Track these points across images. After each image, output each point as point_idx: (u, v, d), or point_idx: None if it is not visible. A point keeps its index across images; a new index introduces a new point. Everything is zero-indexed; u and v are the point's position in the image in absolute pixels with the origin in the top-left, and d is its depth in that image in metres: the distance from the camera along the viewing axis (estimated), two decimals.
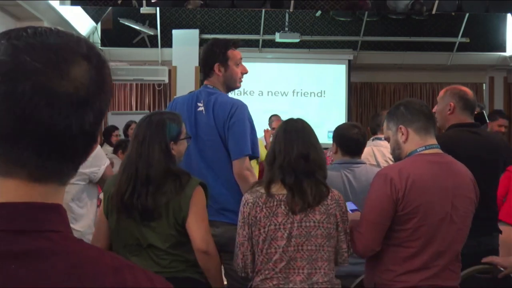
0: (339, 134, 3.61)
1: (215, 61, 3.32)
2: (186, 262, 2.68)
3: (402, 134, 2.71)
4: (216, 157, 3.17)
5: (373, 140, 4.57)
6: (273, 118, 8.32)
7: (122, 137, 7.90)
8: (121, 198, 2.59)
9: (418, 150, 2.67)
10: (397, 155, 2.80)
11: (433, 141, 2.71)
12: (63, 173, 0.91)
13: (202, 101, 3.27)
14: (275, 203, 2.57)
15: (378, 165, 4.34)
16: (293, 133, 2.66)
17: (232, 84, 3.42)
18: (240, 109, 3.22)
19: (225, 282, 3.08)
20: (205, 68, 3.38)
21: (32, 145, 0.85)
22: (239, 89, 3.80)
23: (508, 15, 10.57)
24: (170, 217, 2.64)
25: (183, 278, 2.63)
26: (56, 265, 0.84)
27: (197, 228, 2.64)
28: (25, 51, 0.83)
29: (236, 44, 3.41)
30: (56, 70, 0.84)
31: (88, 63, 0.88)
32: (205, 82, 3.39)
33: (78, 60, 0.87)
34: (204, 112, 3.24)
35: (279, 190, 2.60)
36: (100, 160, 4.45)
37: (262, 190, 2.61)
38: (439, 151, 2.71)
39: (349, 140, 3.56)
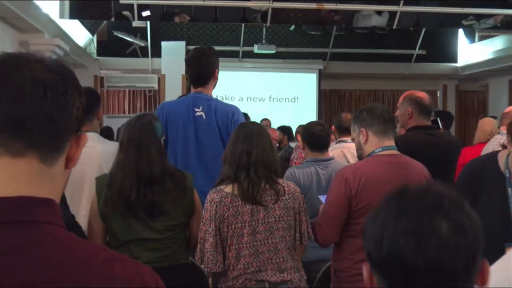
0: (305, 131, 3.68)
1: (216, 67, 3.30)
2: (183, 247, 2.67)
3: (363, 136, 2.74)
4: (214, 159, 3.10)
5: (337, 142, 4.36)
6: (264, 122, 8.24)
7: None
8: (127, 201, 2.48)
9: (375, 151, 2.70)
10: (359, 155, 2.84)
11: (390, 142, 2.74)
12: (42, 149, 0.90)
13: (200, 107, 3.20)
14: (240, 202, 2.51)
15: None
16: (242, 134, 2.61)
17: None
18: (240, 114, 3.25)
19: None
20: (207, 75, 3.28)
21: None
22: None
23: (460, 30, 10.71)
24: (179, 211, 2.60)
25: (183, 264, 2.61)
26: (50, 257, 0.83)
27: (198, 226, 2.64)
28: None
29: None
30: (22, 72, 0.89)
31: (42, 65, 0.91)
32: (198, 89, 3.29)
33: (35, 64, 0.90)
34: (204, 116, 3.19)
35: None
36: None
37: (227, 190, 2.54)
38: (395, 152, 2.74)
39: (314, 136, 3.59)
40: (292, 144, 7.82)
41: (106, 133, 7.69)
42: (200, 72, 3.28)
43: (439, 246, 0.89)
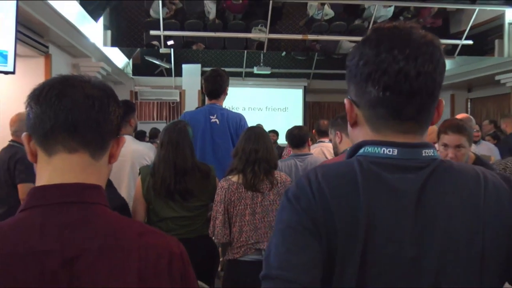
0: (287, 133, 3.78)
1: (227, 84, 3.31)
2: (206, 223, 2.68)
3: (338, 137, 2.73)
4: (226, 155, 3.11)
5: (317, 142, 4.34)
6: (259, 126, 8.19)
7: (148, 138, 7.81)
8: (168, 187, 2.52)
9: (348, 149, 2.68)
10: (335, 152, 2.84)
11: None
12: (92, 147, 0.91)
13: (215, 115, 3.22)
14: (243, 189, 2.53)
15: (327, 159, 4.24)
16: (252, 135, 2.61)
17: None
18: (244, 120, 3.27)
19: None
20: (220, 91, 3.28)
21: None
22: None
23: None
24: (205, 194, 2.63)
25: (205, 236, 2.61)
26: (97, 230, 0.84)
27: None
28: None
29: None
30: (80, 93, 0.91)
31: (90, 84, 0.92)
32: (212, 101, 3.30)
33: (85, 83, 0.92)
34: (218, 123, 3.20)
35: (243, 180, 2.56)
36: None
37: (233, 179, 2.55)
38: None
39: (292, 136, 3.67)
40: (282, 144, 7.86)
41: (140, 135, 7.73)
42: (215, 88, 3.29)
43: (426, 56, 0.85)
